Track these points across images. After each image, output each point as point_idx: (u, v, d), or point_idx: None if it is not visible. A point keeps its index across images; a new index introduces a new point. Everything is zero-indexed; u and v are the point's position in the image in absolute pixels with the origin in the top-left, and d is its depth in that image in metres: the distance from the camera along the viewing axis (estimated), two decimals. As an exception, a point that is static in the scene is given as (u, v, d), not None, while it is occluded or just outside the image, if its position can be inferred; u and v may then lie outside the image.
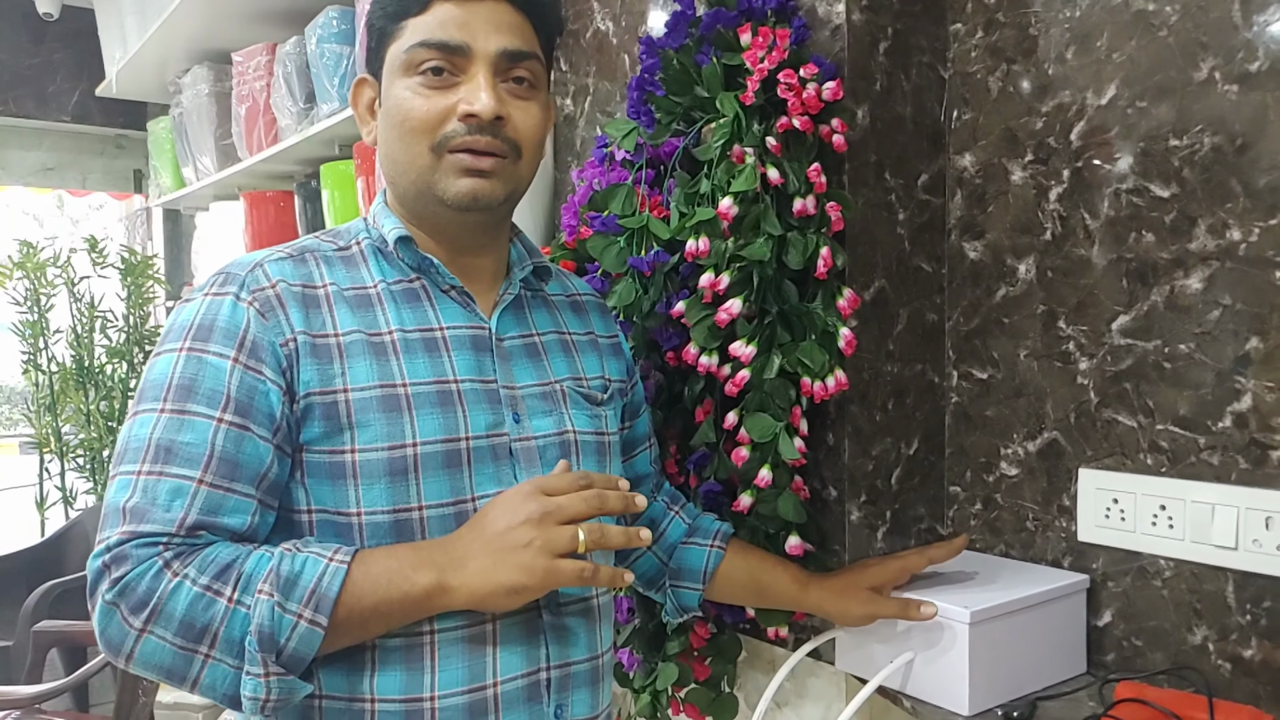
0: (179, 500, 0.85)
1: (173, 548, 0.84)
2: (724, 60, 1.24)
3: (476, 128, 0.96)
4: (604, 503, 0.93)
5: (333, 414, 0.92)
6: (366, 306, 0.97)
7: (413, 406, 0.94)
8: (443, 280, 1.02)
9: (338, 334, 0.94)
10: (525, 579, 0.89)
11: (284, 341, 0.92)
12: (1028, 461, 1.31)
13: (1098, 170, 1.22)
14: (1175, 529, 1.15)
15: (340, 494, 0.92)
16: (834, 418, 1.29)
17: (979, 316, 1.36)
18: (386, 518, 0.92)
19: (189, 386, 0.89)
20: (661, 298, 1.30)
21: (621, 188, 1.31)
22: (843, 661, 1.26)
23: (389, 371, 0.94)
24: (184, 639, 0.83)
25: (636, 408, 1.22)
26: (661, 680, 1.38)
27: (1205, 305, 1.13)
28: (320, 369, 0.92)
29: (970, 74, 1.36)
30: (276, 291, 0.94)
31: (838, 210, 1.21)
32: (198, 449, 0.87)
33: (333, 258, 1.00)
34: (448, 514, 0.94)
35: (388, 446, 0.92)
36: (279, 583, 0.84)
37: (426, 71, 0.96)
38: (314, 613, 0.84)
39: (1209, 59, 1.12)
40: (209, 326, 0.92)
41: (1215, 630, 1.13)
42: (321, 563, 0.86)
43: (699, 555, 1.20)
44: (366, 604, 0.86)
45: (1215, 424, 1.12)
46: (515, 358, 1.03)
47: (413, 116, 0.96)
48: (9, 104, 3.65)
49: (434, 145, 0.96)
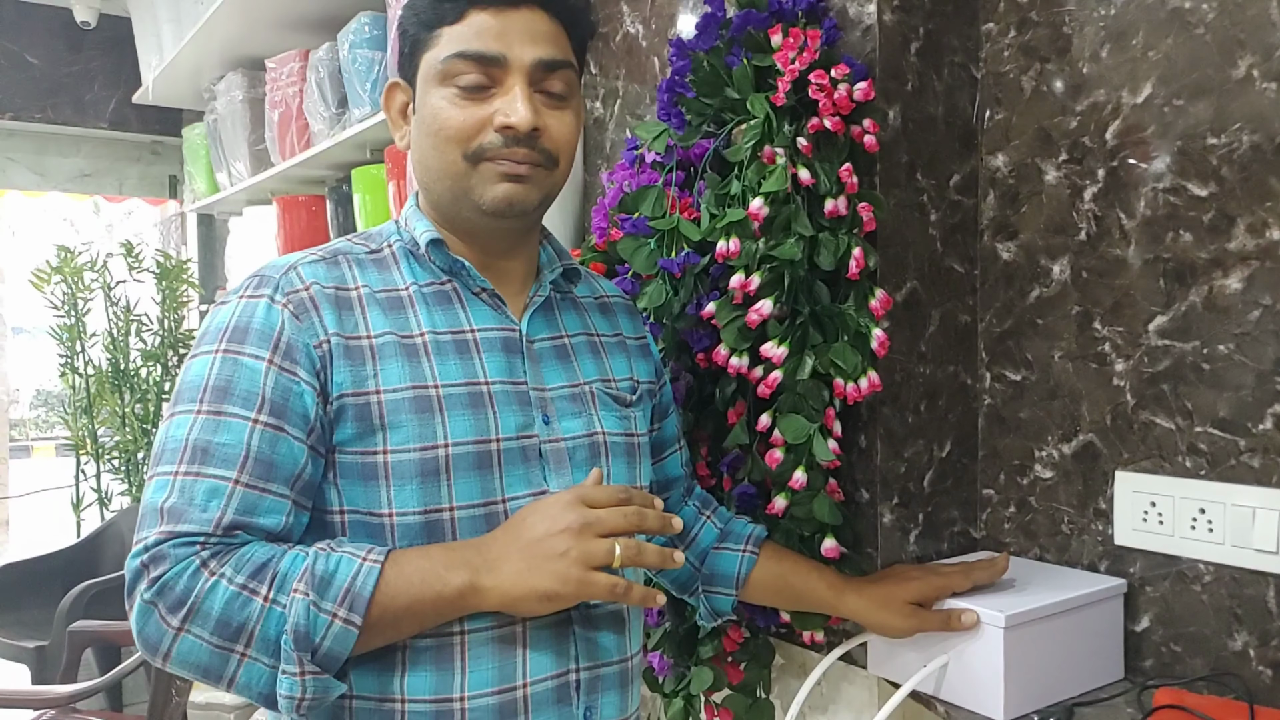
0: (216, 500, 0.86)
1: (209, 547, 0.85)
2: (754, 62, 1.24)
3: (513, 140, 0.96)
4: (643, 520, 0.93)
5: (365, 415, 0.92)
6: (398, 308, 0.98)
7: (444, 408, 0.94)
8: (474, 283, 1.02)
9: (370, 335, 0.95)
10: (558, 587, 0.89)
11: (318, 343, 0.93)
12: (1063, 464, 1.30)
13: (1134, 169, 1.21)
14: (1215, 532, 1.14)
15: (372, 495, 0.92)
16: (866, 419, 1.28)
17: (1012, 318, 1.34)
18: (418, 518, 0.92)
19: (225, 388, 0.90)
20: (692, 299, 1.30)
21: (652, 189, 1.31)
22: (875, 666, 1.25)
23: (421, 373, 0.95)
24: (220, 638, 0.83)
25: (665, 409, 1.21)
26: (695, 685, 1.38)
27: (1245, 305, 1.11)
28: (353, 370, 0.93)
29: (1003, 73, 1.35)
30: (310, 294, 0.95)
31: (869, 211, 1.20)
32: (234, 450, 0.88)
33: (365, 260, 1.01)
34: (478, 515, 0.94)
35: (419, 447, 0.92)
36: (314, 582, 0.84)
37: (463, 83, 0.96)
38: (349, 612, 0.84)
39: (1247, 56, 1.10)
40: (244, 329, 0.93)
41: (1256, 636, 1.11)
42: (356, 562, 0.86)
43: (731, 561, 1.19)
44: (400, 603, 0.87)
45: (1256, 426, 1.11)
46: (545, 359, 1.04)
47: (449, 126, 0.97)
48: (47, 111, 3.71)
49: (469, 155, 0.97)
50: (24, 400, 10.31)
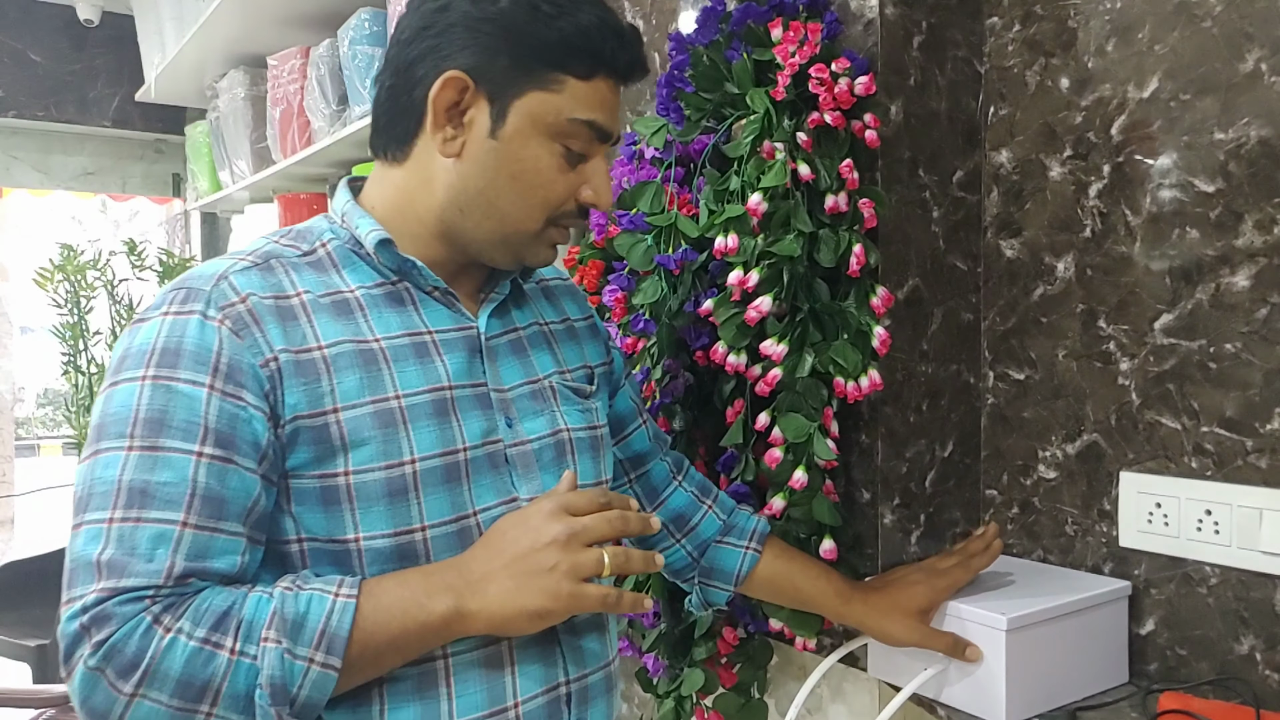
0: (162, 548, 0.78)
1: (160, 600, 0.77)
2: (754, 56, 1.22)
3: (584, 213, 0.97)
4: (626, 525, 0.89)
5: (324, 437, 0.85)
6: (347, 314, 0.90)
7: (408, 420, 0.88)
8: (426, 282, 0.95)
9: (321, 346, 0.87)
10: (550, 604, 0.84)
11: (264, 362, 0.84)
12: (1067, 464, 1.28)
13: (1139, 165, 1.19)
14: (1221, 534, 1.12)
15: (335, 520, 0.86)
16: (867, 419, 1.26)
17: (1016, 316, 1.33)
18: (388, 542, 0.86)
19: (159, 420, 0.81)
20: (690, 296, 1.28)
21: (650, 185, 1.29)
22: (875, 668, 1.24)
23: (381, 383, 0.88)
24: (182, 700, 0.76)
25: (616, 383, 1.16)
26: (686, 686, 1.36)
27: (1253, 303, 1.09)
28: (307, 389, 0.85)
29: (1007, 68, 1.33)
30: (248, 306, 0.86)
31: (871, 207, 1.18)
32: (177, 488, 0.79)
33: (299, 263, 0.92)
34: (451, 532, 0.89)
35: (384, 465, 0.86)
36: (285, 627, 0.78)
37: (571, 149, 0.93)
38: (326, 655, 0.79)
39: (1255, 50, 1.08)
40: (175, 350, 0.83)
41: (1263, 640, 1.09)
42: (327, 599, 0.80)
43: (733, 557, 1.16)
44: (380, 638, 0.81)
45: (1263, 426, 1.09)
46: (502, 357, 0.98)
47: (551, 190, 0.93)
48: (50, 109, 3.70)
49: (550, 216, 0.95)
50: (30, 399, 10.34)
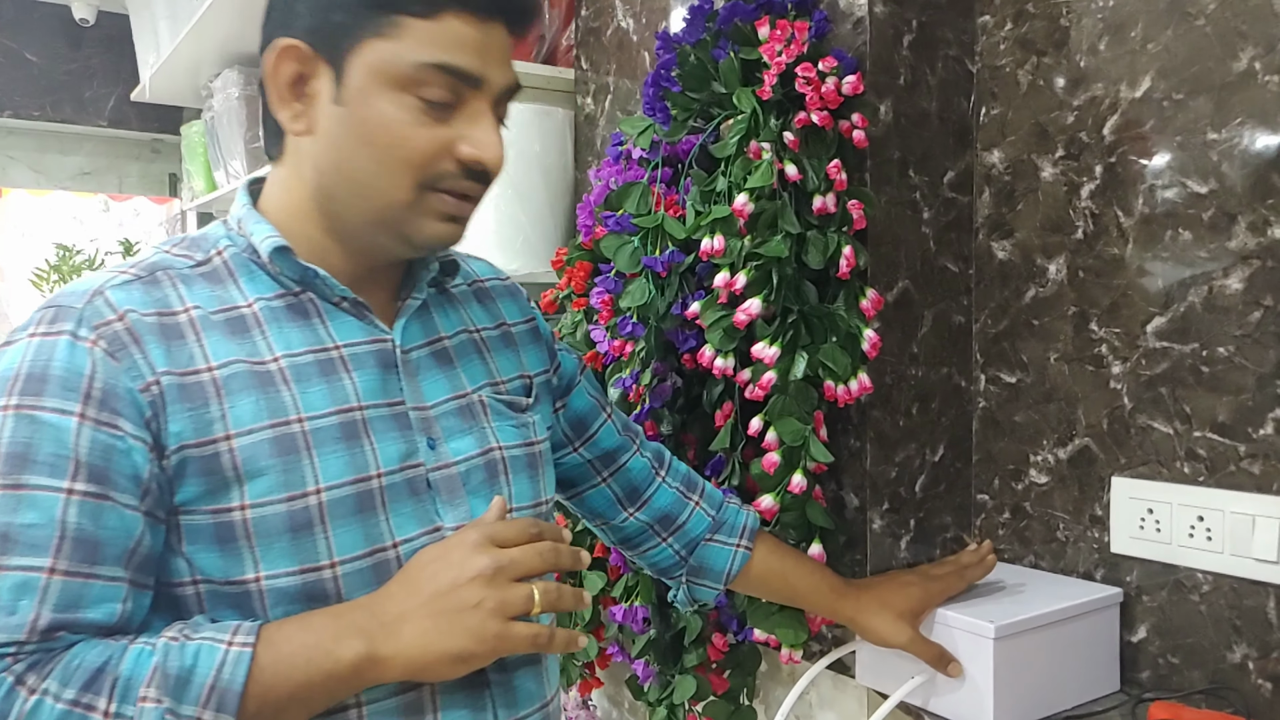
0: (26, 598, 0.70)
1: (24, 658, 0.70)
2: (742, 55, 1.21)
3: (476, 175, 0.84)
4: (558, 558, 0.82)
5: (214, 468, 0.77)
6: (243, 331, 0.82)
7: (312, 445, 0.80)
8: (332, 292, 0.86)
9: (211, 367, 0.79)
10: (473, 645, 0.77)
11: (144, 386, 0.76)
12: (1058, 469, 1.26)
13: (1132, 166, 1.17)
14: (1213, 541, 1.10)
15: (232, 560, 0.77)
16: (856, 422, 1.25)
17: (1007, 318, 1.31)
18: (293, 581, 0.78)
19: (23, 454, 0.73)
20: (678, 298, 1.27)
21: (636, 186, 1.27)
22: (863, 675, 1.22)
23: (280, 406, 0.80)
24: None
25: (568, 383, 1.08)
26: (679, 694, 1.35)
27: (1246, 306, 1.08)
28: (194, 415, 0.77)
29: (999, 67, 1.31)
30: (127, 324, 0.77)
31: (859, 208, 1.17)
32: (43, 531, 0.72)
33: (190, 275, 0.83)
34: (365, 568, 0.80)
35: (286, 498, 0.78)
36: (167, 684, 0.70)
37: (428, 97, 0.81)
38: (216, 713, 0.70)
39: (1248, 49, 1.07)
40: (40, 376, 0.75)
41: (1256, 648, 1.07)
42: (219, 650, 0.72)
43: (724, 556, 1.13)
44: (281, 692, 0.73)
45: (1256, 431, 1.07)
46: (423, 371, 0.89)
47: (408, 147, 0.81)
48: (46, 109, 3.68)
49: (422, 182, 0.82)
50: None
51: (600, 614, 1.45)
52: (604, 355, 1.35)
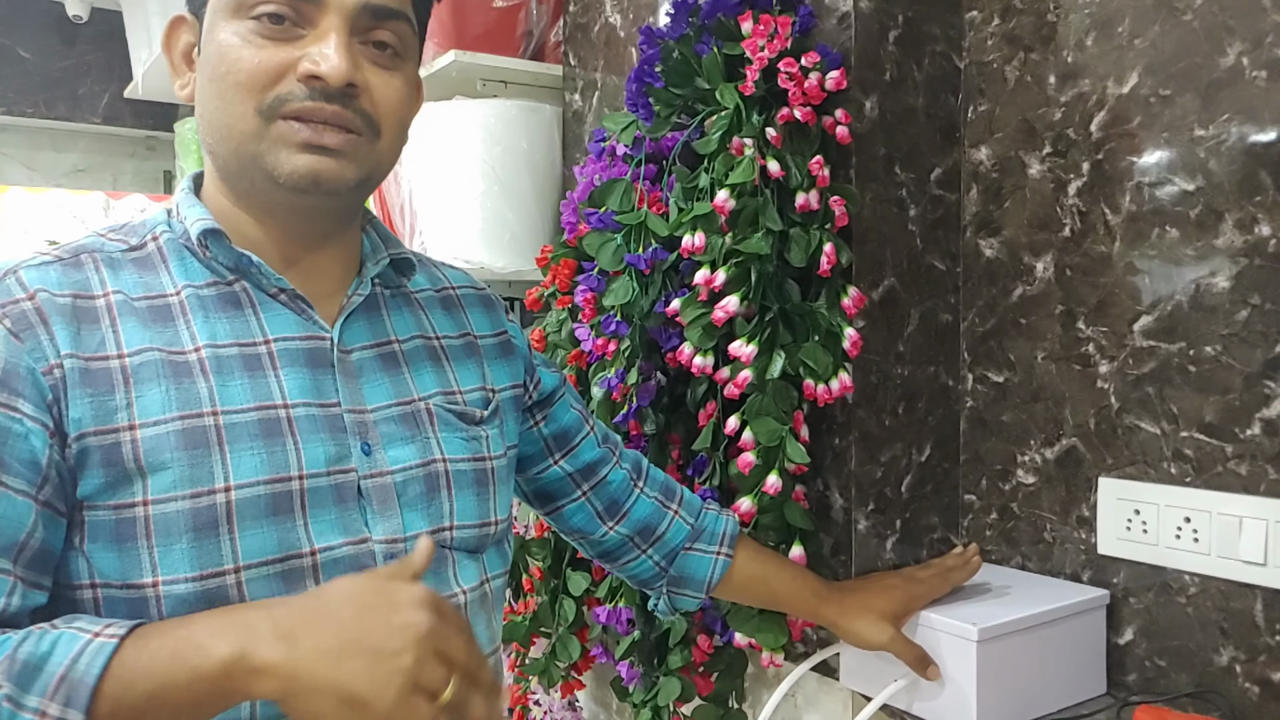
0: None
1: None
2: (725, 50, 1.20)
3: (321, 93, 0.78)
4: (481, 670, 0.70)
5: (115, 458, 0.73)
6: (165, 319, 0.78)
7: (225, 440, 0.75)
8: (268, 282, 0.83)
9: (122, 354, 0.75)
10: (373, 696, 0.64)
11: (47, 368, 0.73)
12: (1045, 469, 1.25)
13: (1119, 163, 1.16)
14: (1200, 542, 1.09)
15: (130, 561, 0.72)
16: (840, 422, 1.23)
17: (995, 317, 1.29)
18: (191, 587, 0.72)
19: None
20: (661, 296, 1.26)
21: (619, 183, 1.26)
22: (847, 678, 1.21)
23: (194, 397, 0.76)
24: None
25: (549, 397, 1.05)
26: (663, 695, 1.33)
27: (1233, 305, 1.06)
28: (96, 401, 0.73)
29: (986, 63, 1.30)
30: (36, 304, 0.74)
31: (841, 205, 1.15)
32: None
33: (119, 259, 0.81)
34: (273, 574, 0.75)
35: (190, 494, 0.73)
36: (13, 670, 0.63)
37: (262, 16, 0.77)
38: (63, 708, 0.63)
39: (1236, 44, 1.05)
40: None
41: (1243, 651, 1.06)
42: (80, 640, 0.65)
43: (704, 564, 1.12)
44: (140, 690, 0.64)
45: (1243, 431, 1.06)
46: (366, 373, 0.85)
47: (239, 69, 0.77)
48: (40, 106, 3.67)
49: (262, 108, 0.78)
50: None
51: (584, 615, 1.44)
52: (588, 354, 1.34)
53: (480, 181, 1.66)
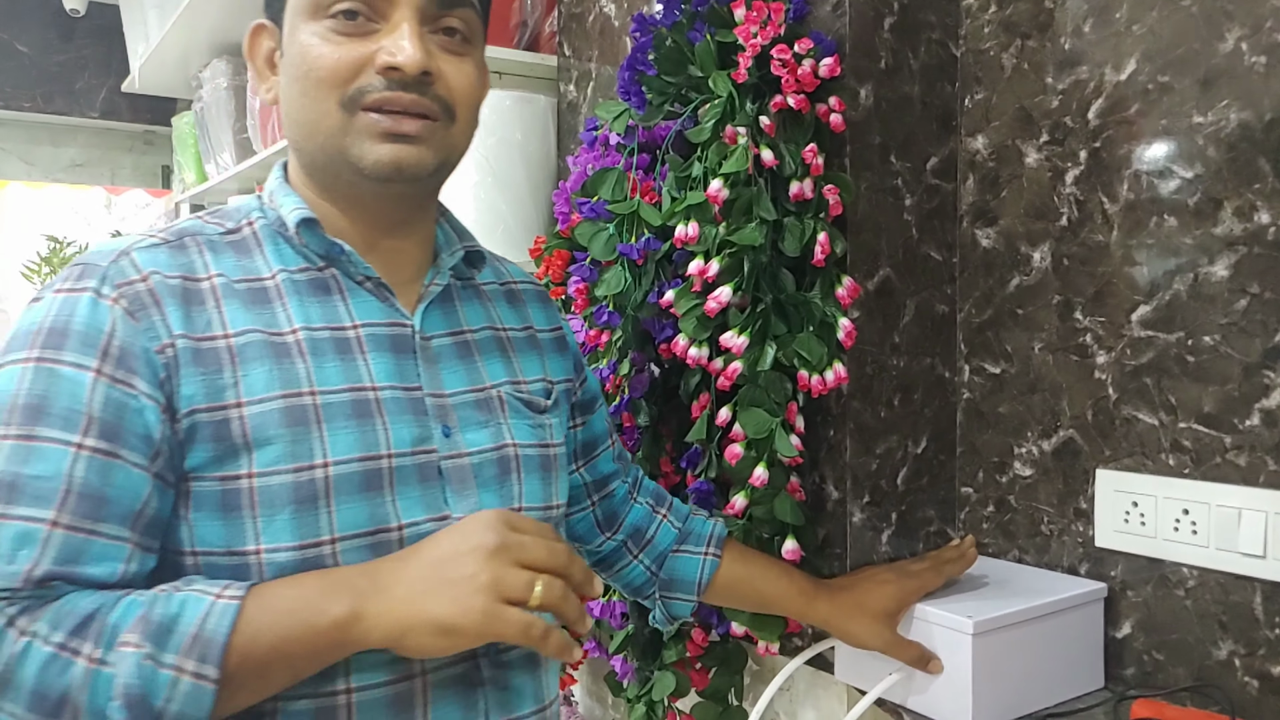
0: (26, 548, 0.70)
1: (18, 602, 0.70)
2: (718, 37, 1.18)
3: (398, 83, 0.81)
4: (570, 563, 0.78)
5: (224, 434, 0.77)
6: (263, 301, 0.82)
7: (323, 419, 0.79)
8: (356, 270, 0.87)
9: (228, 335, 0.79)
10: (460, 618, 0.73)
11: (160, 347, 0.77)
12: (1043, 461, 1.23)
13: (1117, 151, 1.14)
14: (1199, 535, 1.07)
15: (234, 530, 0.77)
16: (835, 414, 1.22)
17: (992, 307, 1.28)
18: (292, 555, 0.77)
19: (38, 406, 0.73)
20: (654, 287, 1.24)
21: (611, 172, 1.25)
22: (842, 672, 1.19)
23: (294, 377, 0.80)
24: (38, 714, 0.67)
25: (590, 403, 1.09)
26: (658, 690, 1.32)
27: (1232, 294, 1.05)
28: (207, 380, 0.77)
29: (983, 51, 1.28)
30: (149, 285, 0.78)
31: (836, 194, 1.14)
32: (49, 483, 0.72)
33: (219, 242, 0.85)
34: (365, 545, 0.79)
35: (293, 469, 0.77)
36: (149, 630, 0.68)
37: (338, 14, 0.81)
38: (199, 663, 0.68)
39: (1235, 29, 1.04)
40: (62, 331, 0.76)
41: (1242, 644, 1.05)
42: (206, 600, 0.71)
43: (693, 565, 1.11)
44: (264, 644, 0.71)
45: (1242, 422, 1.04)
46: (444, 360, 0.89)
47: (320, 66, 0.81)
48: (38, 100, 3.67)
49: (344, 101, 0.82)
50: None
51: (579, 609, 1.43)
52: (582, 345, 1.32)
53: (474, 172, 1.65)
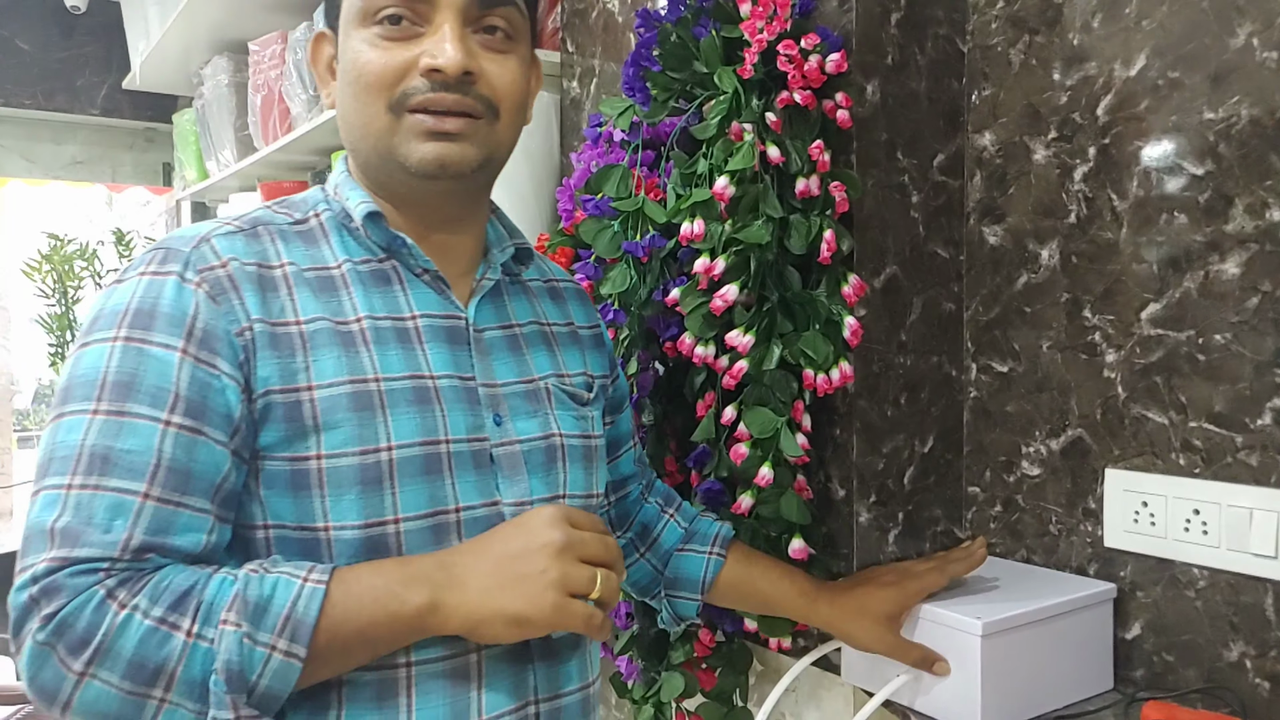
0: (121, 519, 0.74)
1: (116, 574, 0.73)
2: (723, 33, 1.17)
3: (441, 85, 0.85)
4: (619, 558, 0.87)
5: (296, 415, 0.80)
6: (330, 290, 0.86)
7: (387, 405, 0.83)
8: (416, 263, 0.90)
9: (300, 321, 0.83)
10: (531, 611, 0.79)
11: (240, 330, 0.80)
12: (1051, 461, 1.22)
13: (1126, 147, 1.13)
14: (1210, 535, 1.06)
15: (304, 507, 0.81)
16: (842, 413, 1.21)
17: (999, 305, 1.27)
18: (357, 533, 0.81)
19: (128, 383, 0.77)
20: (659, 285, 1.23)
21: (616, 169, 1.24)
22: (849, 674, 1.18)
23: (359, 365, 0.83)
24: (134, 683, 0.71)
25: (619, 403, 1.11)
26: (666, 692, 1.31)
27: (1243, 292, 1.04)
28: (281, 363, 0.81)
29: (990, 47, 1.27)
30: (229, 271, 0.82)
31: (842, 191, 1.13)
32: (140, 457, 0.75)
33: (289, 232, 0.88)
34: (426, 527, 0.83)
35: (359, 451, 0.81)
36: (246, 610, 0.73)
37: (383, 20, 0.85)
38: (290, 643, 0.73)
39: (1246, 24, 1.02)
40: (149, 312, 0.79)
41: (1253, 646, 1.04)
42: (295, 584, 0.75)
43: (697, 564, 1.11)
44: (350, 629, 0.76)
45: (1254, 421, 1.03)
46: (495, 352, 0.93)
47: (368, 71, 0.85)
48: (38, 97, 3.65)
49: (392, 104, 0.85)
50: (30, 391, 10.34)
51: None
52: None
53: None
